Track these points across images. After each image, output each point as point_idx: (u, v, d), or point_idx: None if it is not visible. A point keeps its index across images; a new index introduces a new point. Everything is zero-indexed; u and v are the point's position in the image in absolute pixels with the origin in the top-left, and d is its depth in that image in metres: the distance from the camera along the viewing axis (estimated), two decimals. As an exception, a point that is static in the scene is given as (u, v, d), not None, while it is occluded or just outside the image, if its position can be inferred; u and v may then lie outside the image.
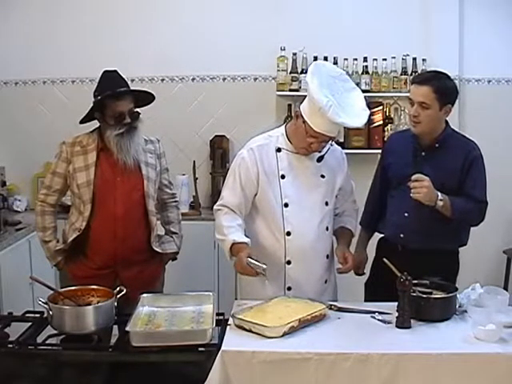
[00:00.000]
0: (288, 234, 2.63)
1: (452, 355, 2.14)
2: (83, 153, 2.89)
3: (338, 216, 2.85)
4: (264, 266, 2.45)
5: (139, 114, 2.91)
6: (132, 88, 2.94)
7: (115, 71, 2.93)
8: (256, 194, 2.66)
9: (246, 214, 2.69)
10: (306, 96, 2.58)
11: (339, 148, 2.85)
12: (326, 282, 2.75)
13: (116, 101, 2.82)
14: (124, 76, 2.93)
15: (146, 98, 2.98)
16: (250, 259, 2.46)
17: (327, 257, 2.74)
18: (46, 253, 2.99)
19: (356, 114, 2.52)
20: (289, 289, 2.66)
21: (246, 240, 2.56)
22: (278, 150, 2.67)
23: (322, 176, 2.69)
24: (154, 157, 3.00)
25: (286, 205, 2.63)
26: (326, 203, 2.69)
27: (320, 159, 2.67)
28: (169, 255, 3.09)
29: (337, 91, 2.50)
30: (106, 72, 2.93)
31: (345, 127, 3.08)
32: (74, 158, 2.89)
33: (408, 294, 2.33)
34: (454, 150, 2.78)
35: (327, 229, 2.73)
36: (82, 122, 2.94)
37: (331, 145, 2.66)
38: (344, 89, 2.55)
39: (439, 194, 2.64)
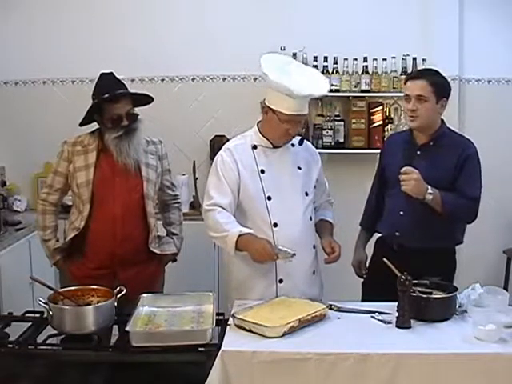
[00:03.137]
0: (275, 225, 2.67)
1: (452, 355, 2.14)
2: (84, 152, 2.89)
3: (316, 210, 2.90)
4: (293, 252, 2.54)
5: (137, 115, 2.91)
6: (130, 89, 2.93)
7: (111, 73, 2.93)
8: (239, 192, 2.69)
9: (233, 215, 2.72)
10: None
11: (310, 144, 2.96)
12: (314, 272, 2.79)
13: (113, 104, 2.82)
14: (124, 76, 2.93)
15: (144, 99, 2.98)
16: (278, 246, 2.55)
17: (314, 247, 2.79)
18: (45, 251, 3.00)
19: (317, 84, 2.65)
20: (280, 281, 2.67)
21: (251, 231, 2.59)
22: (254, 147, 2.74)
23: (299, 168, 2.76)
24: (155, 158, 3.00)
25: (269, 198, 2.68)
26: (306, 193, 2.75)
27: (301, 142, 2.77)
28: (168, 256, 3.09)
29: (290, 72, 2.63)
30: (102, 74, 2.94)
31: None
32: (74, 157, 2.89)
33: (408, 293, 2.33)
34: (449, 148, 2.80)
35: (311, 219, 2.78)
36: (81, 124, 2.95)
37: (301, 136, 2.79)
38: (295, 67, 2.70)
39: (429, 187, 2.66)
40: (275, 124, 2.64)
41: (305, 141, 2.83)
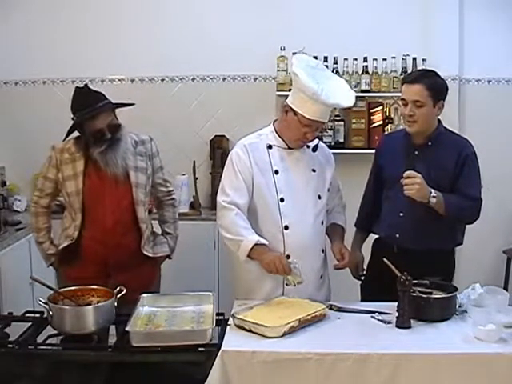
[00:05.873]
0: (286, 228, 2.65)
1: (452, 355, 2.14)
2: (71, 161, 2.86)
3: (328, 213, 2.87)
4: (302, 280, 2.52)
5: (120, 125, 2.85)
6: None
7: (86, 86, 2.89)
8: (252, 192, 2.66)
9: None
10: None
11: (325, 146, 2.92)
12: (321, 277, 2.77)
13: (92, 120, 2.78)
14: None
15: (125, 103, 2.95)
16: (293, 263, 2.53)
17: (322, 251, 2.77)
18: (40, 253, 3.00)
19: (345, 95, 2.62)
20: (287, 284, 2.64)
21: (267, 242, 2.58)
22: (269, 146, 2.70)
23: (313, 170, 2.73)
24: (144, 159, 2.94)
25: (282, 199, 2.65)
26: (319, 197, 2.73)
27: (315, 149, 2.74)
28: (162, 257, 3.06)
29: (320, 79, 2.58)
30: (77, 89, 2.89)
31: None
32: (62, 166, 2.86)
33: (408, 294, 2.34)
34: (447, 148, 2.79)
35: (322, 223, 2.76)
36: (64, 139, 2.90)
37: (319, 138, 2.75)
38: (325, 77, 2.64)
39: (432, 190, 2.65)
40: (294, 126, 2.61)
41: (320, 142, 2.78)
